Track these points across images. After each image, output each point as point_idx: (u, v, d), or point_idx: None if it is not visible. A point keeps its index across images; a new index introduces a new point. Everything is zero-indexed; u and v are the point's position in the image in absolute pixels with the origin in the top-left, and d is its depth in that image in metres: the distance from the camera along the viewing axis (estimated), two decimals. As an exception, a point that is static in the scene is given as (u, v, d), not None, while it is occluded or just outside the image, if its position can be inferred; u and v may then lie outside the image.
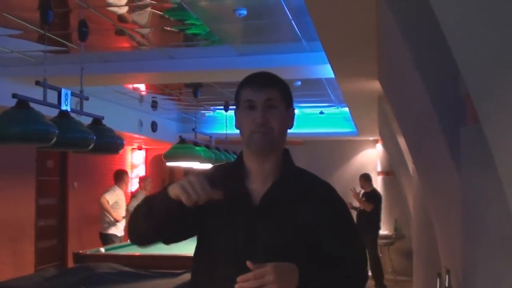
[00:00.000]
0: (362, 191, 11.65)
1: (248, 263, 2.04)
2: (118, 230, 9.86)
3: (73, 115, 5.66)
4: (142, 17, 5.77)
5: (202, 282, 2.34)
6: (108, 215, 9.80)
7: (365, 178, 11.74)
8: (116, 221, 9.81)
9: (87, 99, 5.94)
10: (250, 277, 2.03)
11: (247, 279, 2.03)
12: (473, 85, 1.77)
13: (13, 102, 5.11)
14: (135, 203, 10.51)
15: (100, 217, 10.06)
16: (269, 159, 2.31)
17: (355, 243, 2.43)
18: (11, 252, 9.94)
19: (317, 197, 2.32)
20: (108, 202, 9.80)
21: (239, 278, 2.04)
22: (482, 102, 1.75)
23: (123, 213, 10.00)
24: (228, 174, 2.32)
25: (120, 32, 6.32)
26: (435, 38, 2.54)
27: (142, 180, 11.75)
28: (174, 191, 2.09)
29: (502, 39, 1.49)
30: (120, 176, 10.31)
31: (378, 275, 11.16)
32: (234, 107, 2.40)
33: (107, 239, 9.63)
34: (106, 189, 10.09)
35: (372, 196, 11.45)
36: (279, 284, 2.03)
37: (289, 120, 2.36)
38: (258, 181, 2.31)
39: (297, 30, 6.01)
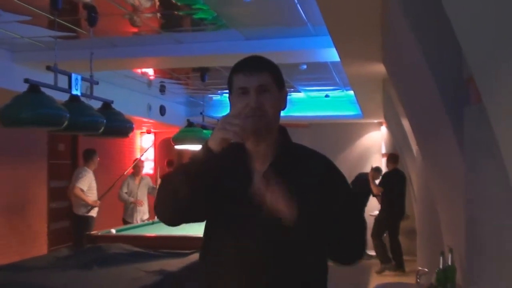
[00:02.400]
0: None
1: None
2: (95, 212, 9.52)
3: (83, 99, 5.68)
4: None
5: (212, 252, 2.37)
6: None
7: (389, 158, 11.67)
8: (94, 206, 9.40)
9: (97, 83, 5.95)
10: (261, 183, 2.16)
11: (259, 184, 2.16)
12: (476, 66, 1.77)
13: (25, 87, 5.12)
14: (125, 189, 10.50)
15: (74, 203, 9.52)
16: (265, 140, 2.32)
17: (353, 208, 2.44)
18: (25, 233, 10.00)
19: (315, 168, 2.34)
20: (82, 190, 9.27)
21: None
22: (484, 82, 1.75)
23: (96, 196, 9.58)
24: (231, 155, 2.32)
25: (128, 17, 6.31)
26: (439, 22, 2.53)
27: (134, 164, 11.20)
28: (216, 139, 2.13)
29: (504, 22, 1.49)
30: (89, 156, 9.73)
31: (398, 258, 11.14)
32: (228, 93, 2.40)
33: (88, 221, 9.26)
34: (77, 176, 9.44)
35: (386, 178, 11.43)
36: (282, 199, 2.11)
37: (282, 102, 2.37)
38: (259, 161, 2.33)
39: (303, 14, 6.00)
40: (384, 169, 11.97)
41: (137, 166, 10.82)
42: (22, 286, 4.31)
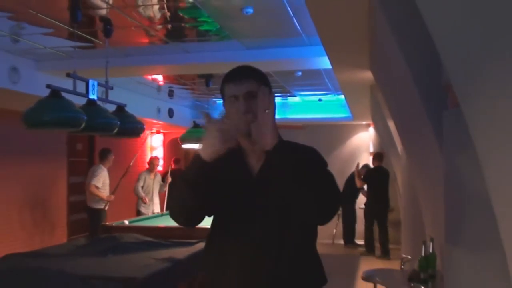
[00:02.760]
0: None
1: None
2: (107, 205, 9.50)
3: (99, 103, 5.69)
4: (156, 13, 5.78)
5: (216, 244, 2.41)
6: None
7: (374, 156, 11.83)
8: (108, 201, 9.37)
9: (111, 88, 5.96)
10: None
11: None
12: (454, 73, 1.78)
13: (47, 92, 5.13)
14: (142, 183, 10.48)
15: (88, 197, 9.46)
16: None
17: (328, 174, 2.42)
18: (46, 224, 10.02)
19: (303, 157, 2.32)
20: (97, 187, 9.24)
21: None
22: (461, 88, 1.77)
23: (108, 191, 9.55)
24: (229, 152, 2.34)
25: (140, 29, 6.33)
26: (421, 33, 2.54)
27: (150, 161, 11.17)
28: (207, 154, 2.16)
29: (480, 31, 1.51)
30: (105, 155, 9.63)
31: (384, 246, 11.22)
32: (222, 100, 2.43)
33: (100, 214, 9.25)
34: (93, 174, 9.39)
35: (368, 174, 11.54)
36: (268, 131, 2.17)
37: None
38: (254, 158, 2.38)
39: (298, 26, 6.00)
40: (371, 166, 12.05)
41: (153, 163, 10.80)
42: (44, 272, 4.32)
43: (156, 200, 10.62)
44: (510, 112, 1.50)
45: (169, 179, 10.45)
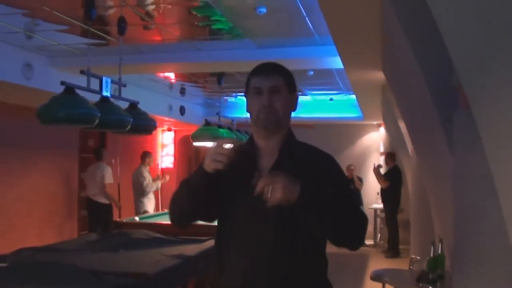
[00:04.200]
0: (387, 167, 11.71)
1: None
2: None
3: (112, 100, 5.73)
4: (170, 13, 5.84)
5: (225, 240, 2.42)
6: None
7: (388, 156, 11.74)
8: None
9: (124, 86, 6.00)
10: (262, 180, 2.12)
11: (260, 180, 2.13)
12: (464, 74, 1.80)
13: (61, 89, 5.18)
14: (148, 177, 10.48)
15: (100, 194, 9.63)
16: (274, 137, 2.37)
17: (352, 198, 2.52)
18: (57, 219, 10.09)
19: (318, 165, 2.37)
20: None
21: (255, 180, 2.15)
22: (471, 90, 1.78)
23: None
24: (241, 152, 2.37)
25: (152, 28, 6.37)
26: (433, 34, 2.56)
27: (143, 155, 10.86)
28: (210, 167, 2.20)
29: (490, 34, 1.53)
30: (102, 153, 9.92)
31: (394, 243, 11.27)
32: (245, 93, 2.45)
33: (111, 209, 9.66)
34: (102, 173, 9.61)
35: (389, 173, 11.44)
36: (285, 183, 2.10)
37: (292, 103, 2.41)
38: (266, 156, 2.37)
39: (311, 26, 6.03)
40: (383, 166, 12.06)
41: (150, 158, 10.68)
42: (56, 266, 4.36)
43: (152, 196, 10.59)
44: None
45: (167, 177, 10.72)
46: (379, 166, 11.92)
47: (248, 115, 2.43)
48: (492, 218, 2.24)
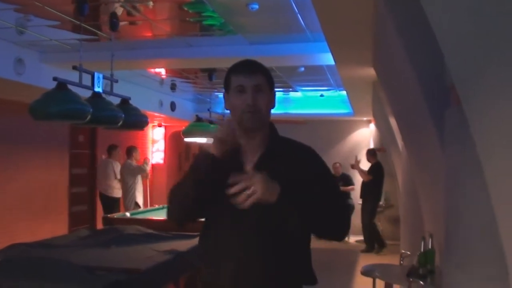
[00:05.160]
0: (369, 164, 11.72)
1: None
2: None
3: (104, 95, 5.73)
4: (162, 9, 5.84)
5: (210, 235, 2.44)
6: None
7: (369, 153, 11.78)
8: None
9: (116, 81, 6.00)
10: (238, 179, 2.14)
11: (237, 181, 2.14)
12: (457, 72, 1.82)
13: (51, 84, 5.17)
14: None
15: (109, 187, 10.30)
16: (257, 135, 2.40)
17: (336, 192, 2.52)
18: (48, 214, 10.08)
19: (300, 158, 2.41)
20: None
21: (231, 180, 2.15)
22: (464, 87, 1.80)
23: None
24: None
25: (146, 23, 6.38)
26: (426, 31, 2.58)
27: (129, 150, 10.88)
28: (215, 148, 2.27)
29: (483, 31, 1.55)
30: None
31: (372, 239, 11.30)
32: (224, 90, 2.46)
33: (117, 202, 10.24)
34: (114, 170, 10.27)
35: (372, 168, 11.49)
36: (263, 184, 2.13)
37: (272, 101, 2.45)
38: (249, 153, 2.40)
39: (302, 23, 6.05)
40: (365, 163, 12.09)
41: (137, 152, 10.89)
42: (49, 261, 4.36)
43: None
44: (511, 111, 1.55)
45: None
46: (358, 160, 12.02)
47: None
48: (483, 214, 2.27)
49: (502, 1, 1.42)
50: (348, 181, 12.33)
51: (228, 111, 2.44)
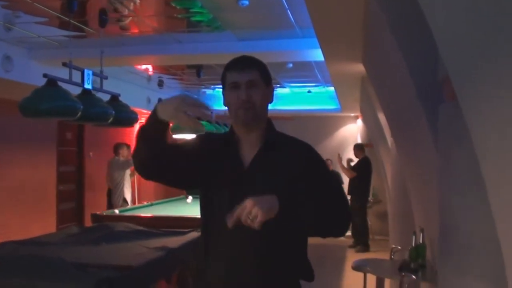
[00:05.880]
0: (357, 159, 11.72)
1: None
2: None
3: (93, 92, 5.71)
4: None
5: (210, 232, 2.43)
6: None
7: (357, 147, 11.75)
8: None
9: (106, 78, 5.98)
10: (235, 212, 2.11)
11: (234, 217, 2.11)
12: (453, 66, 1.81)
13: (40, 81, 5.15)
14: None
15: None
16: (254, 129, 2.41)
17: (335, 186, 2.50)
18: (36, 212, 10.02)
19: (298, 154, 2.41)
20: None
21: (228, 222, 2.11)
22: (460, 82, 1.80)
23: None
24: (223, 143, 2.44)
25: (134, 19, 6.35)
26: (418, 25, 2.59)
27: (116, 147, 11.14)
28: (167, 116, 2.27)
29: (479, 26, 1.55)
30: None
31: (362, 237, 11.22)
32: (222, 88, 2.48)
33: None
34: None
35: (358, 165, 11.49)
36: (260, 205, 2.07)
37: (269, 96, 2.45)
38: (247, 147, 2.41)
39: (292, 19, 6.06)
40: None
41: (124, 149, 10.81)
42: (40, 259, 4.35)
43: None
44: (508, 104, 1.55)
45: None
46: (350, 160, 11.99)
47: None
48: (479, 210, 2.29)
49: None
50: (338, 178, 12.31)
51: (226, 108, 2.44)
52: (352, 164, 11.80)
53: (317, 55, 6.80)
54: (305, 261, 2.46)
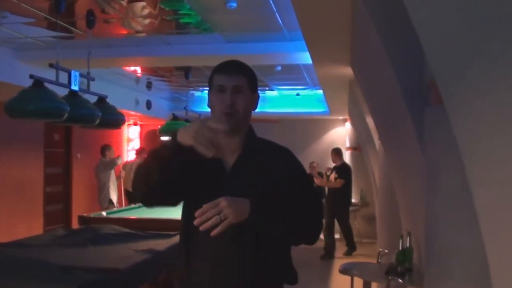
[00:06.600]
0: (334, 164, 11.15)
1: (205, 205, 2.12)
2: None
3: (80, 94, 5.68)
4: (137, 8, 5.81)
5: (188, 235, 2.41)
6: None
7: (336, 152, 11.13)
8: None
9: (93, 79, 5.96)
10: (205, 208, 2.11)
11: (203, 211, 2.11)
12: (438, 69, 1.82)
13: (26, 82, 5.12)
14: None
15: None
16: (235, 135, 2.40)
17: (310, 192, 2.51)
18: (23, 214, 9.96)
19: (277, 159, 2.41)
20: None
21: (196, 213, 2.11)
22: (445, 85, 1.81)
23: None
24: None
25: (121, 21, 6.34)
26: (405, 28, 2.59)
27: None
28: (186, 140, 2.17)
29: (466, 28, 1.55)
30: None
31: (350, 240, 10.98)
32: (208, 89, 2.46)
33: None
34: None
35: (343, 170, 10.84)
36: (232, 208, 2.10)
37: (253, 103, 2.44)
38: (228, 153, 2.39)
39: (280, 21, 6.06)
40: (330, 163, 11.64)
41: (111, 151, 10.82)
42: (26, 261, 4.32)
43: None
44: (494, 108, 1.55)
45: (123, 173, 11.04)
46: (330, 169, 11.35)
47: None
48: (465, 213, 2.29)
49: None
50: (320, 192, 11.94)
51: (210, 110, 2.43)
52: (329, 173, 11.26)
53: (306, 58, 6.81)
54: (289, 264, 2.46)
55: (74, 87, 5.47)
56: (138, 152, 12.21)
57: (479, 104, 1.62)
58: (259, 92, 2.50)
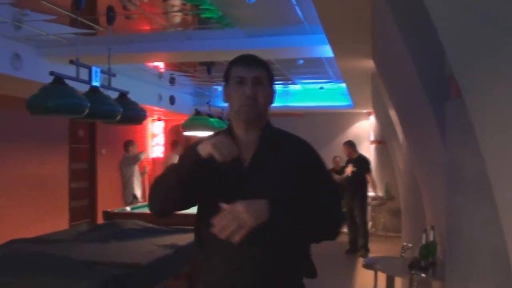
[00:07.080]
0: (347, 158, 10.61)
1: (222, 205, 2.10)
2: None
3: (101, 90, 5.70)
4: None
5: (205, 232, 2.35)
6: None
7: (350, 145, 10.62)
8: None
9: (114, 75, 5.97)
10: (222, 216, 2.09)
11: (221, 219, 2.09)
12: (456, 63, 1.80)
13: (49, 79, 5.15)
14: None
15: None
16: (254, 129, 2.38)
17: (330, 187, 2.46)
18: (48, 210, 10.06)
19: (296, 153, 2.38)
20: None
21: (214, 221, 2.10)
22: (464, 79, 1.79)
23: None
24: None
25: (143, 16, 6.34)
26: (425, 22, 2.56)
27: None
28: (206, 150, 2.14)
29: (484, 22, 1.53)
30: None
31: (365, 238, 10.38)
32: (224, 82, 2.43)
33: None
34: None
35: (364, 163, 10.48)
36: (250, 213, 2.08)
37: (271, 97, 2.42)
38: (245, 148, 2.36)
39: (300, 15, 6.02)
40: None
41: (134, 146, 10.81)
42: (48, 257, 4.35)
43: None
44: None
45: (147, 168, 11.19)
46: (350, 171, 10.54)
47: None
48: (485, 208, 2.26)
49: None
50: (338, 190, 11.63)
51: (227, 104, 2.41)
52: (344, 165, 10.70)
53: (327, 51, 6.77)
54: (307, 258, 2.43)
55: (95, 83, 5.50)
56: (172, 144, 12.38)
57: (498, 96, 1.59)
58: (275, 87, 2.47)
